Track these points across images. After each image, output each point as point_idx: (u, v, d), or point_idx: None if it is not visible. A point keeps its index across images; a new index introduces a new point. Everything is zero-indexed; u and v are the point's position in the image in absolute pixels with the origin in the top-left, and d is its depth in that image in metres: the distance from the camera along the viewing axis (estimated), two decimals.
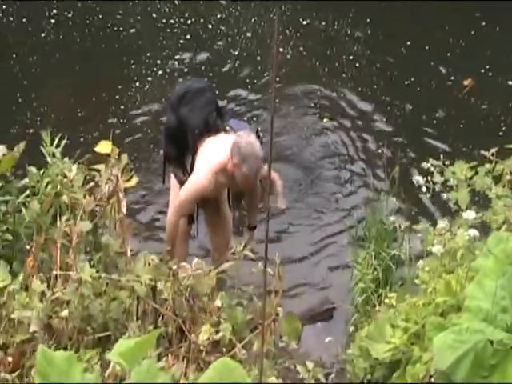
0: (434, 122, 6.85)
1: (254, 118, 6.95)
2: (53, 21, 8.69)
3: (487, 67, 7.43)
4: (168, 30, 8.50)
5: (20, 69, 7.85)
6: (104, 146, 4.10)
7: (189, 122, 4.81)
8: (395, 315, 3.22)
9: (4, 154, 3.88)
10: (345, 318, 4.66)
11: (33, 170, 3.95)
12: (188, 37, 8.34)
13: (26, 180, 4.00)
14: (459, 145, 6.44)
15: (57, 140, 4.07)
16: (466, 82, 7.20)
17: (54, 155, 4.03)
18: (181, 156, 4.87)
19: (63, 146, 4.10)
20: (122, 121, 7.12)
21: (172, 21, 8.64)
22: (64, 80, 7.68)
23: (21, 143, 3.93)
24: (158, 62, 7.94)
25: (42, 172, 3.96)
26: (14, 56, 8.05)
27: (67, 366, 2.05)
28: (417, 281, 3.29)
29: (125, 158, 4.05)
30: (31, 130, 6.60)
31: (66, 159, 4.04)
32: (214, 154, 4.63)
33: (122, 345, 2.21)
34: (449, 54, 7.72)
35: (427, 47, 7.84)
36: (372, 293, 4.14)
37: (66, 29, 8.57)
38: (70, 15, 8.79)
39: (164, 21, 8.66)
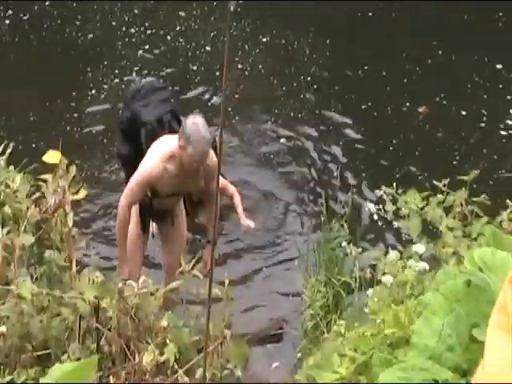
0: (390, 148, 6.87)
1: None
2: (8, 22, 8.52)
3: (442, 95, 7.53)
4: (127, 39, 8.41)
5: None
6: (52, 156, 3.97)
7: (141, 116, 4.70)
8: (343, 344, 3.19)
9: None
10: (294, 343, 4.61)
11: None
12: (147, 47, 8.25)
13: None
14: (413, 172, 6.46)
15: (1, 147, 3.94)
16: (420, 109, 7.28)
17: None
18: (135, 157, 4.72)
19: (10, 153, 3.98)
20: (75, 129, 6.99)
21: (132, 30, 8.55)
22: (18, 83, 7.52)
23: None
24: (116, 71, 7.85)
25: None
26: None
27: None
28: (366, 309, 3.26)
29: (73, 169, 3.95)
30: None
31: (11, 167, 3.92)
32: (163, 144, 4.49)
33: (58, 370, 2.11)
34: (405, 81, 7.80)
35: (384, 73, 7.91)
36: (321, 319, 4.10)
37: (23, 31, 8.42)
38: (26, 17, 8.64)
39: (124, 29, 8.57)
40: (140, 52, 8.16)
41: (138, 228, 4.74)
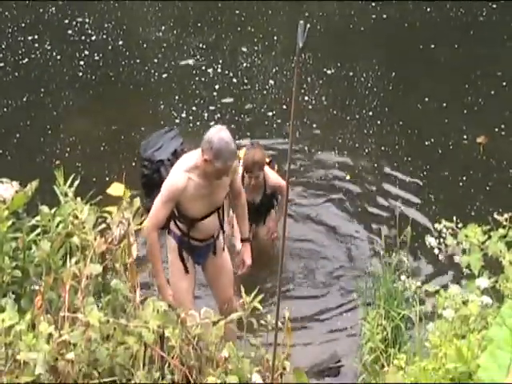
0: (452, 181, 6.79)
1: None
2: (82, 62, 8.87)
3: (502, 126, 7.44)
4: (197, 78, 8.53)
5: (51, 100, 8.07)
6: (116, 189, 4.05)
7: (157, 157, 4.77)
8: (404, 378, 3.17)
9: (17, 191, 3.88)
10: (352, 376, 4.58)
11: (44, 209, 3.93)
12: (217, 86, 8.40)
13: (38, 218, 3.99)
14: (475, 206, 6.40)
15: (70, 179, 4.06)
16: (479, 140, 7.22)
17: (66, 194, 4.03)
18: None
19: (78, 184, 4.08)
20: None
21: (209, 70, 8.72)
22: (90, 115, 7.79)
23: (33, 182, 3.93)
24: (193, 107, 8.00)
25: (53, 211, 3.95)
26: (43, 90, 8.23)
27: None
28: (427, 344, 3.23)
29: (137, 201, 4.02)
30: (57, 162, 6.72)
31: (79, 199, 4.02)
32: (183, 159, 4.48)
33: None
34: (465, 111, 7.74)
35: (445, 104, 7.89)
36: (381, 352, 4.07)
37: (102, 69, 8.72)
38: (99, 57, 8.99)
39: (199, 71, 8.71)
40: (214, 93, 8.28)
41: (180, 265, 4.71)
